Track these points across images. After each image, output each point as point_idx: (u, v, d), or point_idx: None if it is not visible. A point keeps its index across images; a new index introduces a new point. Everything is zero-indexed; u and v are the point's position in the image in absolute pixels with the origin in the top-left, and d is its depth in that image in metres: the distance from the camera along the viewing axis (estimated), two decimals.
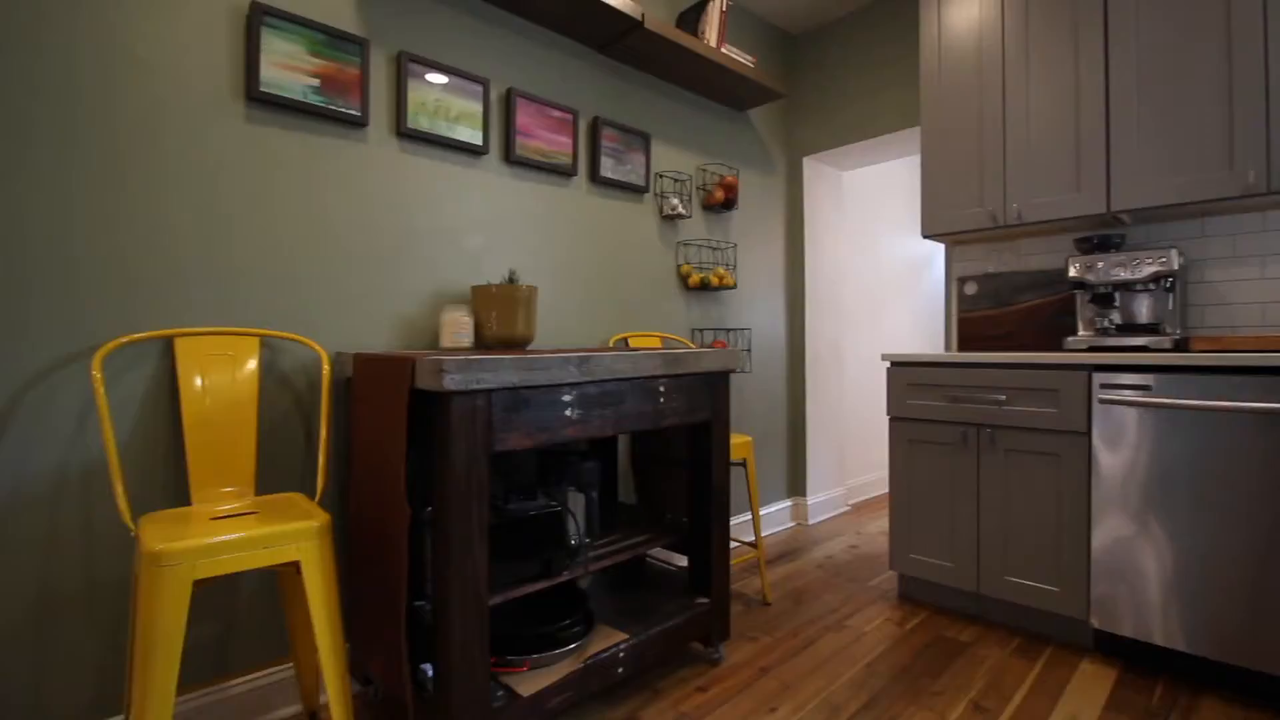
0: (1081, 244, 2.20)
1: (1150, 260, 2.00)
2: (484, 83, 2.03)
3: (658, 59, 2.46)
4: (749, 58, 2.72)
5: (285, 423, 1.64)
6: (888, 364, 2.31)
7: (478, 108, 2.02)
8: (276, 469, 1.63)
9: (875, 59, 3.01)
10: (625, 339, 2.45)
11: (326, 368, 1.62)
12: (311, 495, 1.69)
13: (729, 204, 2.82)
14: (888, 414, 2.31)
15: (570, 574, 1.52)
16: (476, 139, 2.02)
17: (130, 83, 1.43)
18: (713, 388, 1.82)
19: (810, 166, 3.32)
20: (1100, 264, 2.09)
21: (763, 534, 3.11)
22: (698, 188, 2.81)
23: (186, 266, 1.50)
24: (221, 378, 1.49)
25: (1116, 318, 2.11)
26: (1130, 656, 1.85)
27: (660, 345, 2.55)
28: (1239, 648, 1.63)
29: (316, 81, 1.69)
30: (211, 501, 1.44)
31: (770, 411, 3.20)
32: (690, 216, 2.74)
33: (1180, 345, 1.98)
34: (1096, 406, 1.85)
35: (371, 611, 1.48)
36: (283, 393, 1.64)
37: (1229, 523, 1.64)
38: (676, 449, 2.04)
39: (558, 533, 1.52)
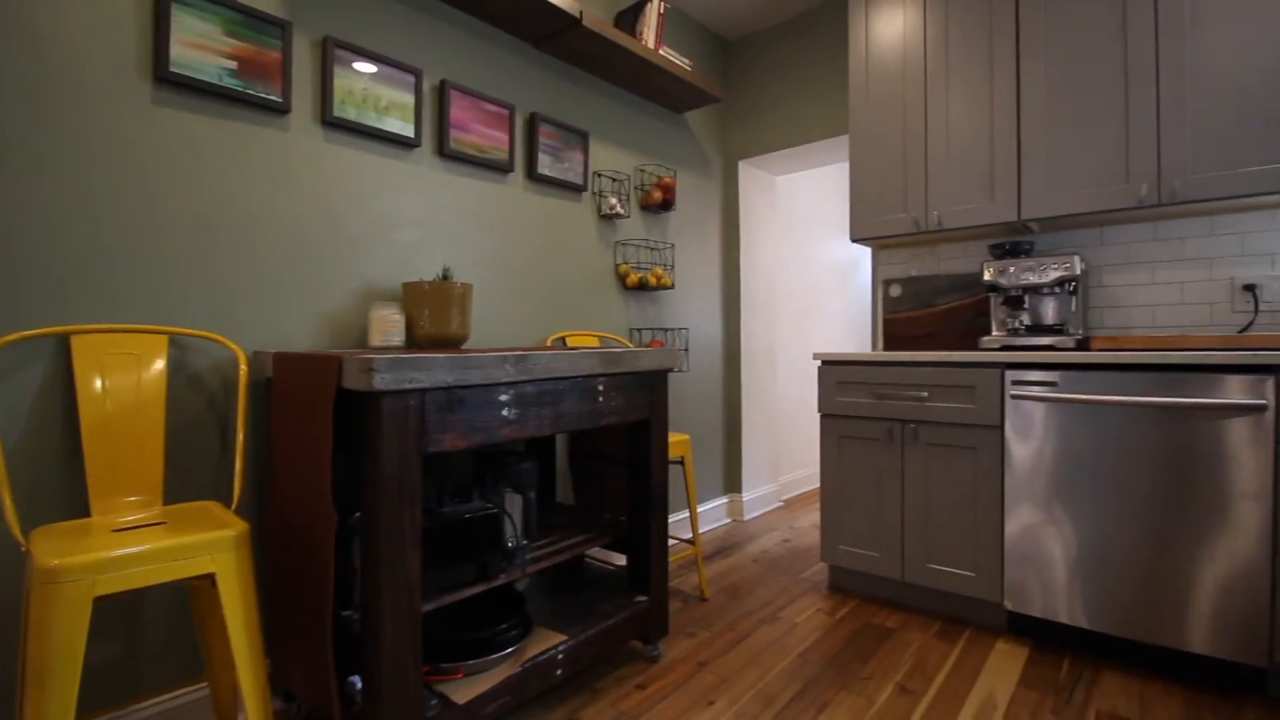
0: (995, 249, 2.34)
1: (1055, 265, 2.15)
2: (416, 73, 1.97)
3: (596, 57, 2.45)
4: (686, 61, 2.75)
5: (197, 427, 1.54)
6: (819, 363, 2.39)
7: (409, 99, 1.96)
8: (188, 476, 1.53)
9: (808, 68, 3.11)
10: (563, 338, 2.43)
11: (244, 368, 1.53)
12: (227, 503, 1.59)
13: (667, 205, 2.84)
14: (819, 411, 2.39)
15: (507, 577, 1.50)
16: (408, 131, 1.95)
17: (23, 58, 1.31)
18: (651, 387, 1.83)
19: (745, 170, 3.39)
20: (1011, 268, 2.23)
21: (700, 531, 3.15)
22: (636, 188, 2.82)
23: (86, 258, 1.39)
24: (125, 379, 1.39)
25: (1026, 319, 2.26)
26: (1040, 635, 1.99)
27: (599, 345, 2.55)
28: (1135, 623, 1.77)
29: (233, 64, 1.59)
30: (113, 512, 1.34)
31: (707, 410, 3.25)
32: (628, 216, 2.74)
33: (1082, 344, 2.14)
34: (1009, 402, 1.97)
35: (294, 623, 1.40)
36: (195, 395, 1.54)
37: (1126, 508, 1.79)
38: (615, 448, 2.04)
39: (494, 535, 1.49)
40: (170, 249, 1.50)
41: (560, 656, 1.55)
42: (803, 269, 4.13)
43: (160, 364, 1.43)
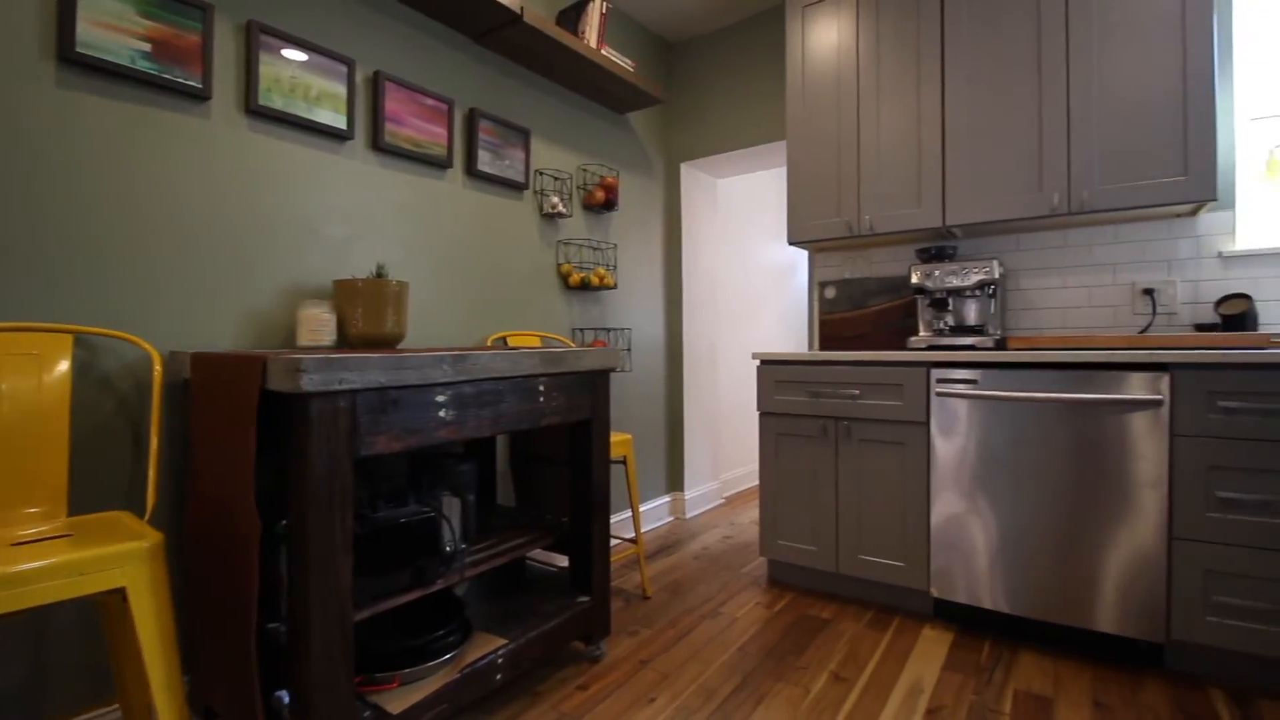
0: (922, 254, 2.45)
1: (977, 270, 2.27)
2: (349, 63, 1.90)
3: (538, 55, 2.43)
4: (629, 62, 2.76)
5: (107, 432, 1.44)
6: (758, 363, 2.45)
7: (341, 89, 1.89)
8: (97, 485, 1.43)
9: (748, 73, 3.17)
10: (504, 338, 2.40)
11: (158, 369, 1.44)
12: (141, 513, 1.50)
13: (609, 205, 2.84)
14: (758, 409, 2.44)
15: (445, 582, 1.47)
16: (340, 123, 1.89)
17: None
18: (593, 387, 1.83)
19: (687, 172, 3.43)
20: (937, 272, 2.34)
21: (643, 530, 3.17)
22: (578, 187, 2.81)
23: None
24: (23, 381, 1.28)
25: (950, 320, 2.38)
26: (964, 620, 2.09)
27: (540, 344, 2.53)
28: (1050, 606, 1.89)
29: (147, 46, 1.50)
30: (12, 525, 1.24)
31: (650, 409, 3.27)
32: (571, 215, 2.73)
33: (1000, 344, 2.27)
34: (934, 399, 2.07)
35: (215, 638, 1.33)
36: (104, 398, 1.44)
37: (1041, 498, 1.90)
38: (557, 448, 2.03)
39: (431, 540, 1.45)
40: (76, 242, 1.40)
41: (500, 660, 1.53)
42: (743, 270, 4.21)
43: (64, 365, 1.34)
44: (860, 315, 2.77)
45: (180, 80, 1.55)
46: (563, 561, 2.53)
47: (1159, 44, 1.96)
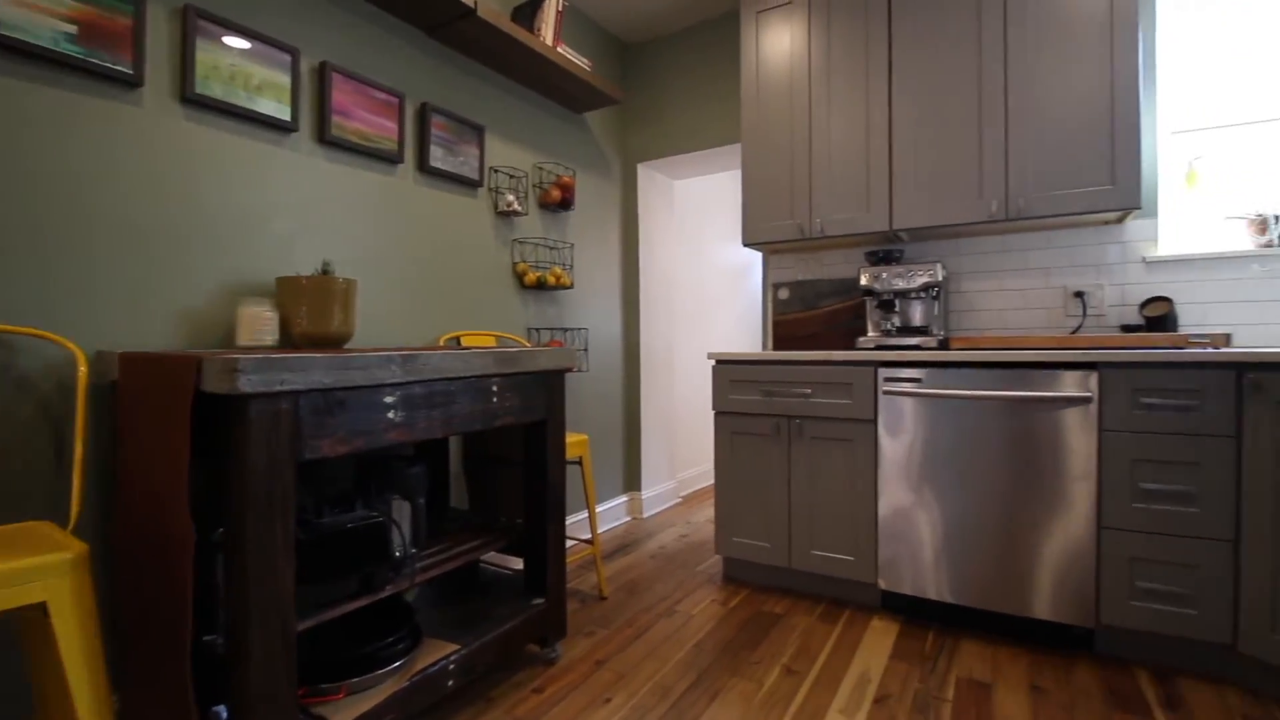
0: (870, 256, 2.52)
1: (921, 272, 2.35)
2: (293, 52, 1.84)
3: (493, 50, 2.40)
4: (586, 61, 2.75)
5: (25, 437, 1.36)
6: (713, 362, 2.47)
7: (285, 79, 1.83)
8: (14, 494, 1.34)
9: (704, 75, 3.20)
10: (457, 338, 2.36)
11: (83, 369, 1.36)
12: (63, 523, 1.41)
13: (566, 204, 2.83)
14: (713, 409, 2.47)
15: (394, 588, 1.43)
16: (284, 114, 1.82)
17: None
18: (548, 387, 1.81)
19: (644, 173, 3.44)
20: (884, 274, 2.41)
21: (600, 530, 3.16)
22: (534, 185, 2.78)
23: None
24: None
25: (897, 321, 2.45)
26: (910, 611, 2.16)
27: (495, 344, 2.50)
28: (990, 595, 1.97)
29: (73, 28, 1.41)
30: None
31: (607, 410, 3.26)
32: (526, 214, 2.70)
33: (943, 345, 2.35)
34: (881, 397, 2.13)
35: (147, 652, 1.27)
36: (21, 400, 1.35)
37: (982, 491, 1.98)
38: (512, 449, 2.00)
39: (380, 545, 1.42)
40: None
41: (452, 667, 1.50)
42: (700, 271, 4.25)
43: None
44: (812, 316, 2.83)
45: (109, 65, 1.47)
46: (518, 564, 2.50)
47: (1089, 62, 2.06)
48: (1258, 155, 2.20)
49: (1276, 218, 2.10)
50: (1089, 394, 1.83)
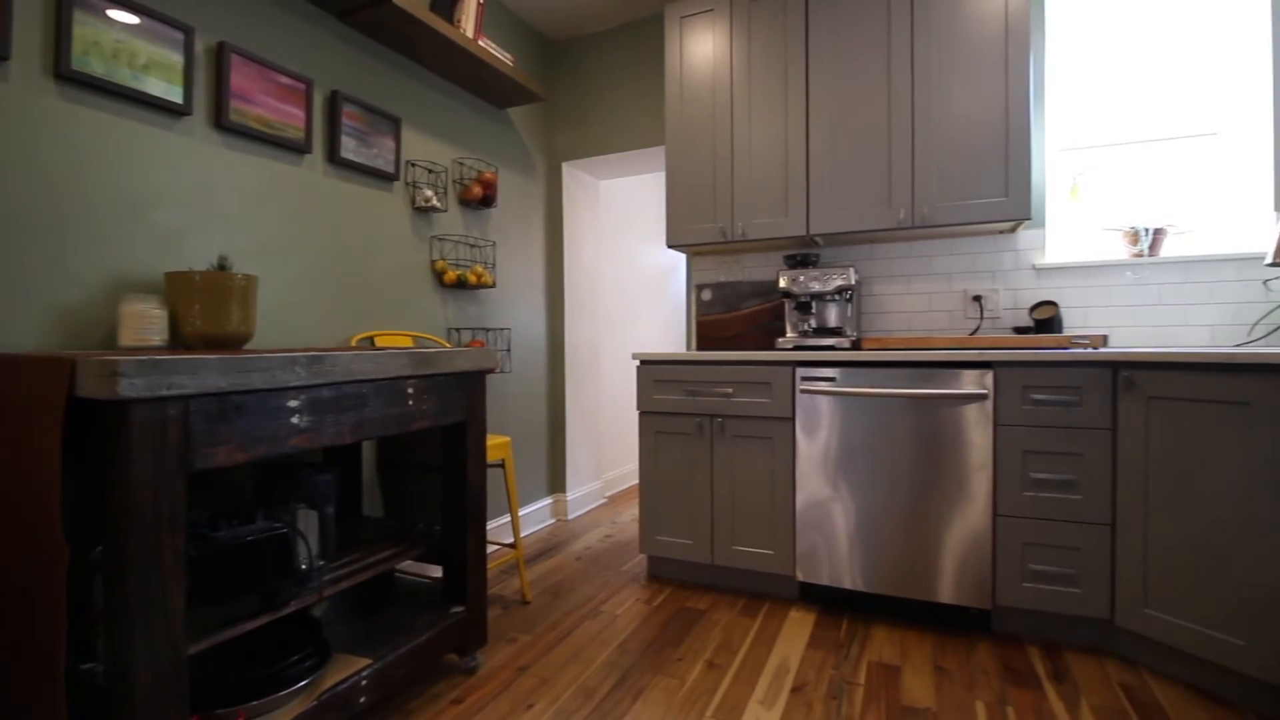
0: (788, 260, 2.61)
1: (836, 276, 2.45)
2: (187, 30, 1.70)
3: (410, 40, 2.31)
4: (508, 56, 2.70)
5: None
6: (638, 362, 2.48)
7: (178, 59, 1.69)
8: None
9: (631, 76, 3.21)
10: (371, 338, 2.26)
11: None
12: None
13: (488, 201, 2.76)
14: (638, 409, 2.48)
15: (300, 603, 1.35)
16: (175, 96, 1.68)
17: None
18: (468, 388, 1.76)
19: (569, 172, 3.42)
20: (801, 277, 2.50)
21: (522, 534, 3.11)
22: (454, 181, 2.71)
23: None
24: None
25: (813, 322, 2.54)
26: (826, 601, 2.25)
27: (412, 345, 2.41)
28: (899, 582, 2.07)
29: None
30: None
31: (531, 411, 3.22)
32: (446, 210, 2.62)
33: (856, 345, 2.46)
34: (799, 396, 2.21)
35: (14, 685, 1.14)
36: None
37: (892, 483, 2.08)
38: (430, 453, 1.94)
39: (283, 558, 1.33)
40: None
41: (364, 683, 1.43)
42: (625, 272, 4.26)
43: None
44: (735, 317, 2.89)
45: None
46: (436, 572, 2.42)
47: (987, 82, 2.21)
48: (1131, 173, 2.42)
49: (1146, 230, 2.32)
50: (985, 391, 1.96)
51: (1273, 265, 1.84)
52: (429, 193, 2.46)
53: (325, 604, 1.80)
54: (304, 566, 1.38)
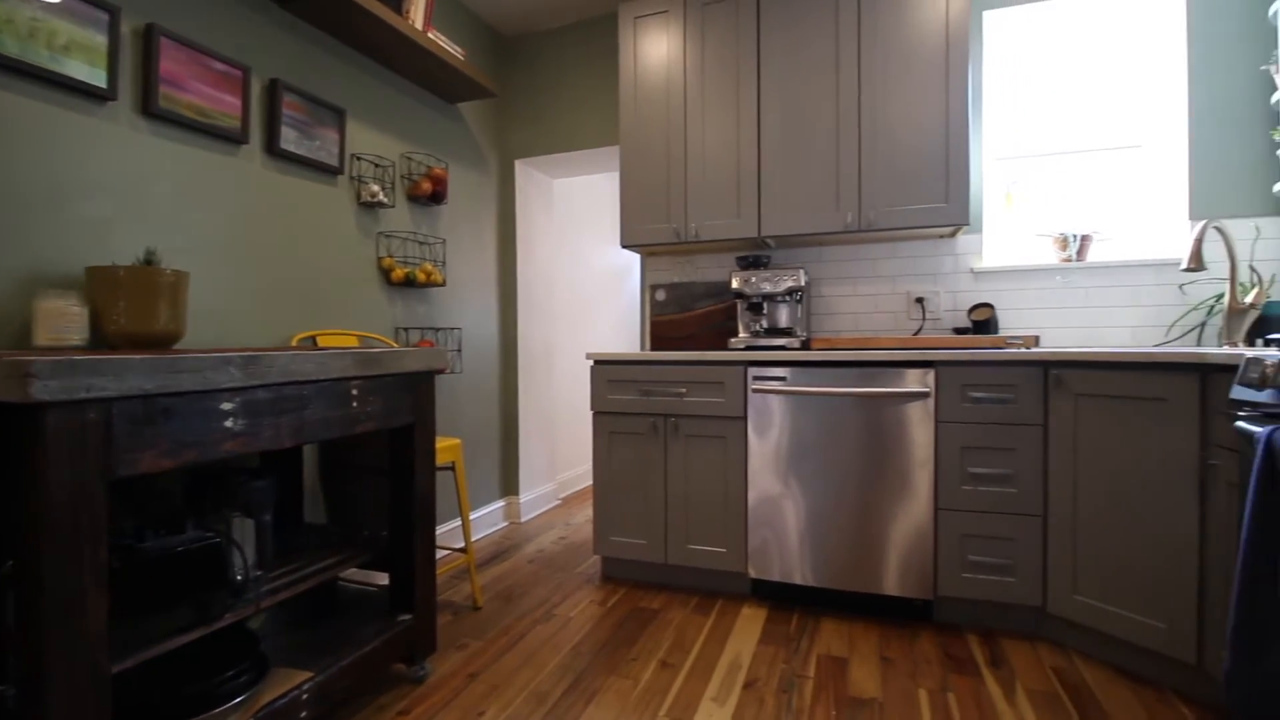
0: (741, 261, 2.64)
1: (787, 277, 2.50)
2: (113, 10, 1.60)
3: (355, 29, 2.24)
4: (459, 49, 2.65)
5: None
6: (592, 362, 2.47)
7: (101, 40, 1.59)
8: None
9: (585, 75, 3.19)
10: (313, 338, 2.17)
11: None
12: None
13: (438, 197, 2.70)
14: (592, 409, 2.47)
15: (235, 616, 1.29)
16: (98, 79, 1.58)
17: None
18: (415, 389, 1.72)
19: (522, 170, 3.37)
20: (753, 278, 2.53)
21: (474, 537, 3.06)
22: (402, 176, 2.63)
23: None
24: None
25: (765, 323, 2.58)
26: (777, 597, 2.29)
27: (357, 345, 2.33)
28: (846, 575, 2.13)
29: None
30: None
31: (482, 412, 3.16)
32: (393, 206, 2.55)
33: (806, 345, 2.51)
34: (751, 395, 2.24)
35: None
36: None
37: (840, 480, 2.13)
38: (376, 457, 1.88)
39: (216, 569, 1.27)
40: None
41: (305, 697, 1.38)
42: (580, 271, 4.24)
43: None
44: (688, 317, 2.91)
45: None
46: (383, 579, 2.35)
47: (928, 92, 2.29)
48: (1061, 182, 2.55)
49: (1074, 236, 2.45)
50: (927, 389, 2.03)
51: (1188, 270, 1.97)
52: (375, 187, 2.39)
53: (263, 616, 1.72)
54: (239, 577, 1.31)
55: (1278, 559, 1.14)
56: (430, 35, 2.47)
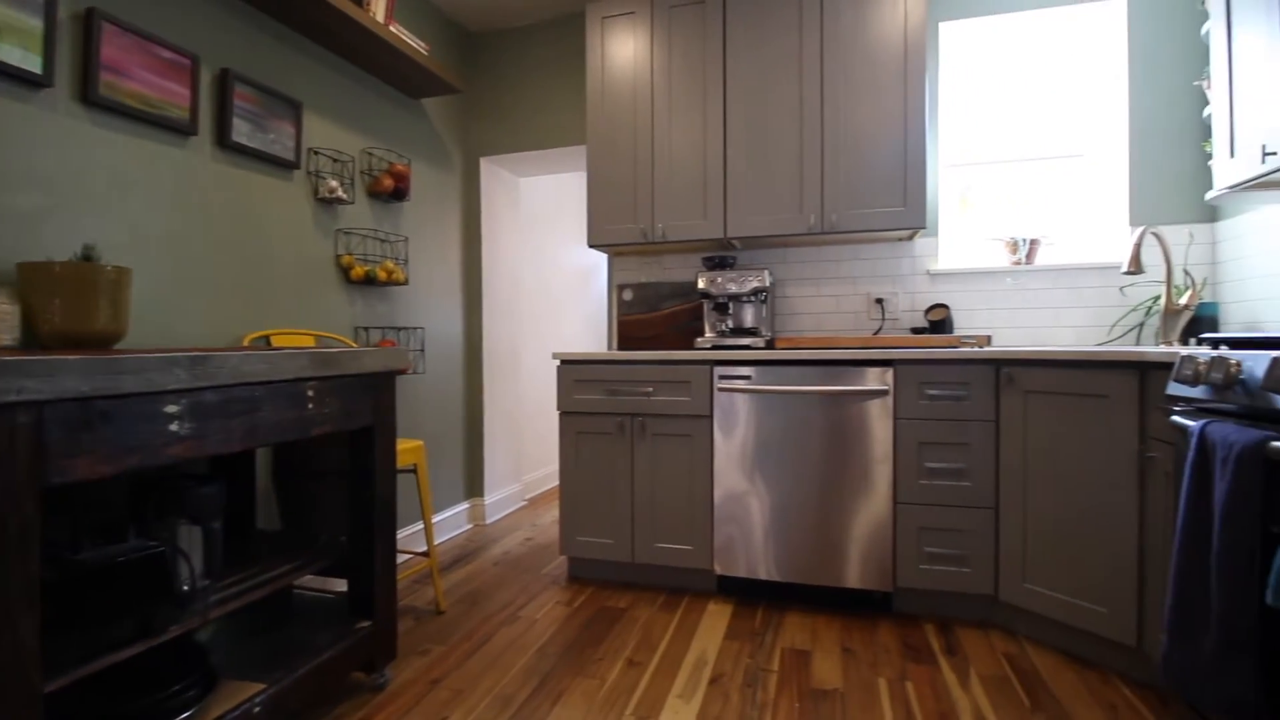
0: (707, 261, 2.66)
1: (752, 278, 2.52)
2: None
3: (312, 19, 2.17)
4: (422, 44, 2.60)
5: None
6: (558, 362, 2.45)
7: (36, 24, 1.51)
8: None
9: (553, 73, 3.16)
10: (267, 337, 2.11)
11: None
12: None
13: (400, 194, 2.65)
14: (558, 409, 2.45)
15: (182, 628, 1.24)
16: (33, 65, 1.50)
17: None
18: (375, 390, 1.68)
19: (487, 168, 3.33)
20: (719, 279, 2.55)
21: (437, 541, 3.01)
22: (363, 172, 2.57)
23: None
24: None
25: (731, 323, 2.60)
26: (742, 592, 2.31)
27: (314, 345, 2.27)
28: (809, 570, 2.16)
29: None
30: None
31: (447, 413, 3.11)
32: (353, 203, 2.49)
33: (770, 345, 2.54)
34: (717, 394, 2.25)
35: None
36: None
37: (803, 476, 2.16)
38: (334, 460, 1.83)
39: (162, 579, 1.22)
40: None
41: (257, 709, 1.33)
42: (547, 271, 4.21)
43: None
44: (655, 317, 2.92)
45: None
46: (342, 586, 2.29)
47: (888, 99, 2.34)
48: (1011, 188, 2.64)
49: (1023, 240, 2.53)
50: (886, 387, 2.07)
51: (1128, 274, 2.05)
52: (334, 183, 2.32)
53: (213, 627, 1.66)
54: (186, 587, 1.26)
55: (1209, 546, 1.20)
56: (392, 28, 2.41)
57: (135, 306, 1.74)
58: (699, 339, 2.58)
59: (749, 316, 2.62)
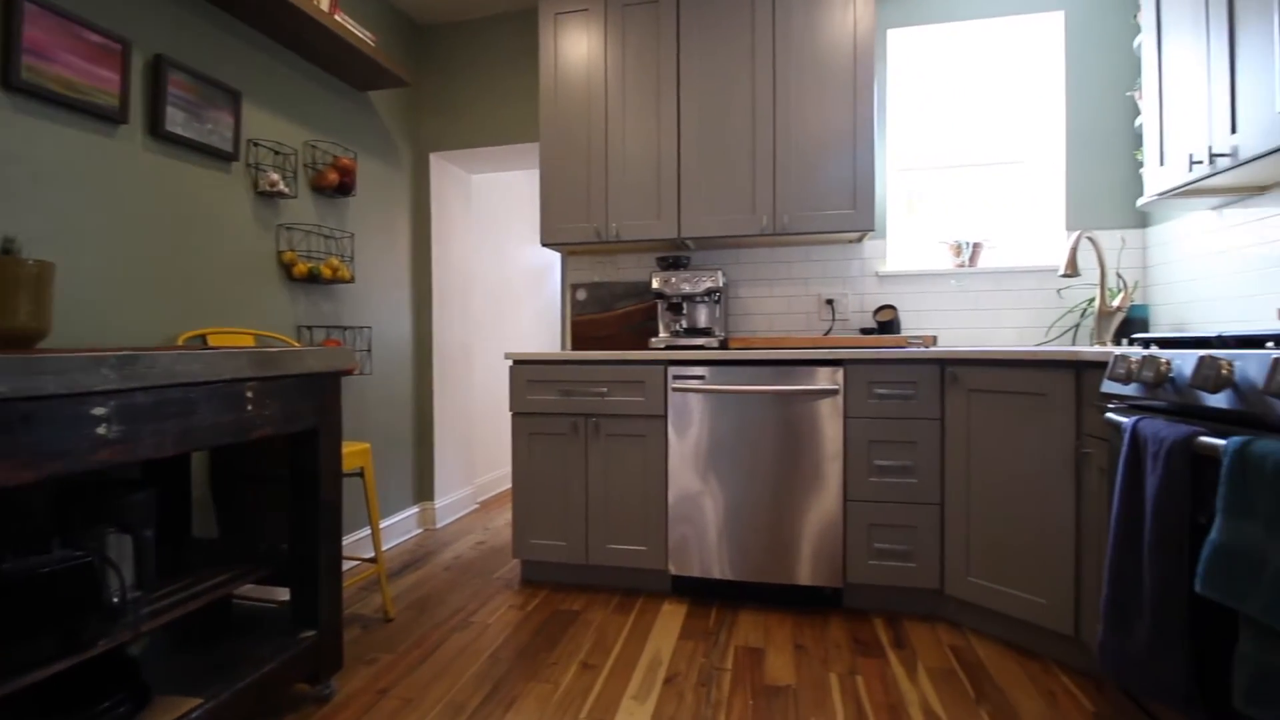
0: (661, 262, 2.67)
1: (706, 278, 2.54)
2: None
3: (253, 6, 2.09)
4: (370, 35, 2.53)
5: None
6: (511, 362, 2.42)
7: None
8: None
9: (506, 68, 3.12)
10: (203, 336, 2.01)
11: None
12: None
13: (345, 189, 2.57)
14: (511, 410, 2.42)
15: (111, 641, 1.17)
16: None
17: None
18: (319, 391, 1.62)
19: (437, 164, 3.26)
20: (673, 279, 2.56)
21: (384, 546, 2.93)
22: (306, 165, 2.48)
23: None
24: None
25: (685, 323, 2.62)
26: (697, 592, 2.32)
27: (254, 344, 2.18)
28: (762, 568, 2.19)
29: None
30: None
31: (394, 415, 3.03)
32: (296, 197, 2.40)
33: (724, 345, 2.56)
34: (671, 394, 2.26)
35: None
36: None
37: (756, 475, 2.20)
38: (275, 464, 1.76)
39: (89, 591, 1.15)
40: None
41: None
42: (500, 269, 4.15)
43: None
44: (609, 317, 2.91)
45: None
46: (284, 595, 2.21)
47: (838, 102, 2.40)
48: (955, 193, 2.74)
49: (967, 244, 2.63)
50: (836, 387, 2.12)
51: (1065, 276, 2.16)
52: (275, 176, 2.24)
53: (146, 641, 1.57)
54: (115, 599, 1.19)
55: (1141, 538, 1.26)
56: (338, 17, 2.34)
57: (62, 304, 1.64)
58: (653, 339, 2.59)
59: (703, 317, 2.64)
